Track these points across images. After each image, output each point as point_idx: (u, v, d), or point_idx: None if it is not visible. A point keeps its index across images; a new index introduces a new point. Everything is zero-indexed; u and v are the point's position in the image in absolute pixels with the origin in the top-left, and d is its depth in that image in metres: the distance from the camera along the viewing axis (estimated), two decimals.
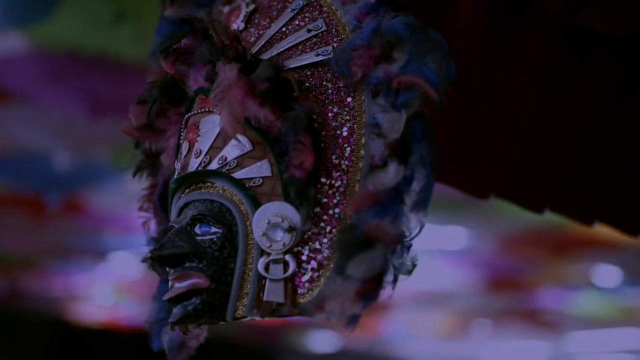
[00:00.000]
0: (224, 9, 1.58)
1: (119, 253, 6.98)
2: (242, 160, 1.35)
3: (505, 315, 8.62)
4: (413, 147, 1.29)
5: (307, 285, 1.31)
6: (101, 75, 3.91)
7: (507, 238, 6.01)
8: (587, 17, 1.93)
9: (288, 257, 1.31)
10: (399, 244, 1.27)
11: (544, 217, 2.57)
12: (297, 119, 1.31)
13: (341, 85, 1.38)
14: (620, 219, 2.52)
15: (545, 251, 6.32)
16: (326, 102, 1.38)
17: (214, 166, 1.37)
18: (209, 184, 1.37)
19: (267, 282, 1.31)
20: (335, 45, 1.41)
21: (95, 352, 9.60)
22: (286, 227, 1.30)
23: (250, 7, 1.53)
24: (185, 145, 1.42)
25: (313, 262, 1.31)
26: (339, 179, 1.33)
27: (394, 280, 1.27)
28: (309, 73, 1.40)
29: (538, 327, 8.91)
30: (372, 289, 1.25)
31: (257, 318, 1.33)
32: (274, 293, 1.31)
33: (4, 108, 4.27)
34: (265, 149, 1.34)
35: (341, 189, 1.33)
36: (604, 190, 2.43)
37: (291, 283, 1.31)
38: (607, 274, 6.80)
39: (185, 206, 1.39)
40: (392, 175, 1.29)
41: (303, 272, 1.31)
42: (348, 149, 1.34)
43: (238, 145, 1.35)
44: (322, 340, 10.64)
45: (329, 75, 1.40)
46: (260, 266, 1.31)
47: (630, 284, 7.02)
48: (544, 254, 6.42)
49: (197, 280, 1.33)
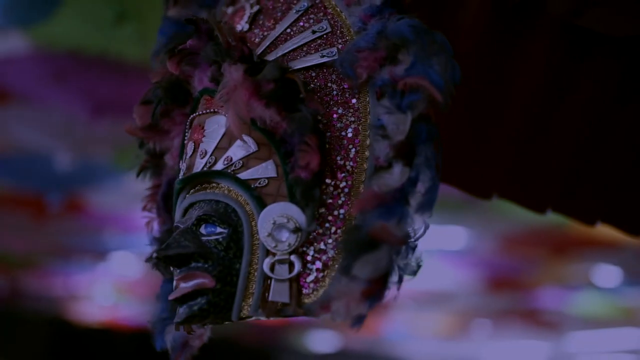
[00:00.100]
0: (228, 9, 1.58)
1: (120, 253, 6.98)
2: (248, 161, 1.35)
3: (505, 315, 8.61)
4: (418, 149, 1.29)
5: (312, 285, 1.31)
6: (102, 76, 3.90)
7: (507, 238, 6.00)
8: (592, 17, 1.93)
9: (293, 258, 1.31)
10: (404, 245, 1.27)
11: (543, 217, 2.57)
12: (303, 120, 1.31)
13: (346, 87, 1.39)
14: (622, 218, 2.53)
15: (545, 251, 6.31)
16: (331, 103, 1.38)
17: (219, 167, 1.37)
18: (215, 184, 1.38)
19: (273, 282, 1.31)
20: (340, 46, 1.42)
21: (96, 352, 9.60)
22: (292, 228, 1.31)
23: (255, 8, 1.54)
24: (191, 145, 1.42)
25: (318, 263, 1.32)
26: (344, 180, 1.34)
27: (399, 280, 1.28)
28: (314, 74, 1.41)
29: (538, 327, 8.91)
30: (377, 289, 1.26)
31: (263, 318, 1.33)
32: (279, 293, 1.31)
33: (5, 108, 4.26)
34: (270, 150, 1.34)
35: (346, 190, 1.33)
36: (605, 190, 2.43)
37: (296, 283, 1.31)
38: (607, 274, 6.79)
39: (190, 206, 1.39)
40: (397, 176, 1.29)
41: (308, 272, 1.32)
42: (353, 150, 1.35)
43: (243, 146, 1.36)
44: (322, 340, 10.64)
45: (333, 76, 1.40)
46: (265, 266, 1.32)
47: (630, 284, 7.01)
48: (544, 254, 6.42)
49: (202, 280, 1.33)
